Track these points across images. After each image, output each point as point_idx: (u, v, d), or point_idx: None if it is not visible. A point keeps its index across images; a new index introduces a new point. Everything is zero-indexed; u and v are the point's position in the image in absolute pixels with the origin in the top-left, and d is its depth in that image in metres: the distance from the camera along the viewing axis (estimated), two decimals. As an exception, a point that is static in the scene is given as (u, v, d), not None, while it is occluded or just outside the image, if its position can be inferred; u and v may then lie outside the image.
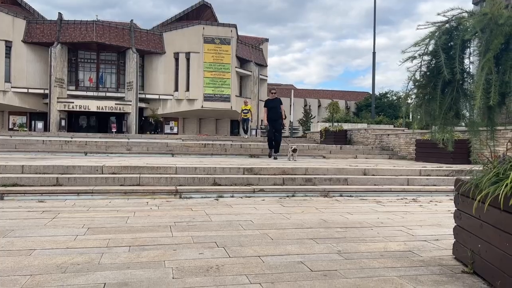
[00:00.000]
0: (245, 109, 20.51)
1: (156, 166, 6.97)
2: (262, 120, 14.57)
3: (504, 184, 2.38)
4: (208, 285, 2.56)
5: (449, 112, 2.84)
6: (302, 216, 4.93)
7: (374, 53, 22.95)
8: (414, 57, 2.87)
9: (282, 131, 11.78)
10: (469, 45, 2.82)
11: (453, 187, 6.71)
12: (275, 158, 11.20)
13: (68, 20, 36.61)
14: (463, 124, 3.06)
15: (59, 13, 36.40)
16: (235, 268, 2.92)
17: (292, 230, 4.20)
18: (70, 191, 5.80)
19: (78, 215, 4.69)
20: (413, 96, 2.97)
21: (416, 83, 2.94)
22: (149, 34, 38.52)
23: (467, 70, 2.83)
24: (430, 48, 2.85)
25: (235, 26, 38.84)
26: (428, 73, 2.89)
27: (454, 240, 3.31)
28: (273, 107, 11.59)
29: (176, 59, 38.15)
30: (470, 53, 2.80)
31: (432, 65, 2.85)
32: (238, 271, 2.86)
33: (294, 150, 10.88)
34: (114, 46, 36.96)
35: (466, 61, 2.79)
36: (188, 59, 37.91)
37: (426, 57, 2.86)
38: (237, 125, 42.23)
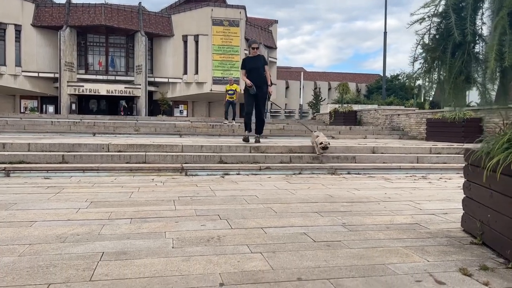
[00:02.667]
0: (231, 90, 17.07)
1: (162, 144, 6.93)
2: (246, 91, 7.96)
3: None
4: (208, 254, 2.51)
5: (460, 77, 2.70)
6: (308, 192, 4.85)
7: (385, 32, 22.51)
8: (423, 19, 2.73)
9: (267, 103, 8.36)
10: (481, 5, 2.67)
11: (463, 165, 6.56)
12: (256, 141, 7.99)
13: (76, 4, 36.50)
14: (474, 103, 2.93)
15: (67, -4, 36.26)
16: (237, 239, 2.87)
17: (296, 204, 4.12)
18: (75, 168, 5.79)
19: (82, 191, 4.67)
20: (422, 61, 2.83)
21: (425, 47, 2.80)
22: (157, 17, 38.26)
23: (479, 32, 2.69)
24: (440, 9, 2.70)
25: (244, 7, 38.35)
26: (437, 36, 2.75)
27: (463, 212, 3.21)
28: (254, 68, 7.98)
29: (185, 42, 37.92)
30: (482, 14, 2.65)
31: (442, 27, 2.71)
32: (240, 241, 2.81)
33: (324, 148, 6.91)
34: (123, 29, 36.82)
35: (478, 22, 2.64)
36: (196, 42, 37.66)
37: (435, 19, 2.72)
38: (247, 108, 42.11)
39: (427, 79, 2.86)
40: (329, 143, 6.97)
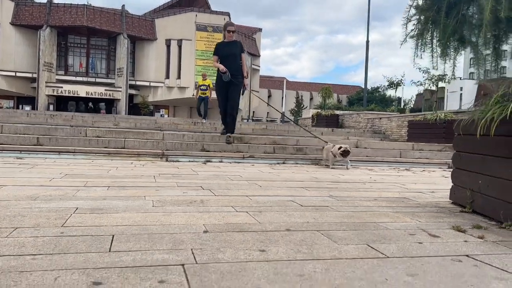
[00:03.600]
0: (203, 85, 15.38)
1: (142, 131, 6.73)
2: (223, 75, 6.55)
3: (512, 102, 2.21)
4: (190, 212, 2.36)
5: (453, 36, 2.64)
6: (292, 175, 4.75)
7: (368, 29, 22.79)
8: (417, -23, 2.68)
9: (241, 98, 6.98)
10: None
11: (446, 160, 6.57)
12: (228, 142, 6.82)
13: (58, 3, 35.87)
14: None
15: (48, -5, 35.64)
16: (221, 202, 2.73)
17: (281, 182, 4.01)
18: (51, 149, 5.54)
19: (57, 167, 4.45)
20: (415, 22, 2.77)
21: (419, 8, 2.74)
22: (140, 20, 37.93)
23: (473, -7, 2.64)
24: (434, -31, 2.66)
25: (228, 14, 38.41)
26: (431, -4, 2.70)
27: (452, 184, 3.15)
28: (229, 56, 6.83)
29: (168, 46, 37.64)
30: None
31: (436, -14, 2.66)
32: (224, 204, 2.67)
33: (345, 153, 5.81)
34: (105, 31, 36.32)
35: (473, -21, 2.59)
36: (180, 47, 37.43)
37: (430, -23, 2.66)
38: (228, 114, 41.97)
39: (420, 42, 2.80)
40: (348, 147, 5.88)
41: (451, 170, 3.15)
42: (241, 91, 6.96)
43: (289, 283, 1.31)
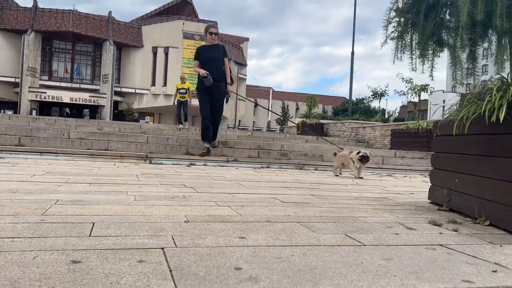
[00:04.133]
0: (182, 89, 14.53)
1: (126, 134, 6.70)
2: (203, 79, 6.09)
3: (486, 100, 2.29)
4: (172, 205, 2.37)
5: (432, 38, 2.74)
6: (275, 177, 4.79)
7: (353, 39, 23.15)
8: (397, -20, 2.77)
9: (225, 105, 6.54)
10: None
11: (428, 167, 6.71)
12: (206, 152, 6.46)
13: (43, 8, 35.60)
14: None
15: (34, 0, 35.35)
16: (203, 198, 2.75)
17: (265, 182, 4.04)
18: (33, 150, 5.48)
19: (39, 166, 4.40)
20: (395, 25, 2.86)
21: (399, 10, 2.83)
22: (127, 27, 37.86)
23: (450, -2, 2.74)
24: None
25: (215, 23, 38.59)
26: (411, 0, 2.80)
27: (430, 184, 3.22)
28: (211, 60, 6.31)
29: (154, 54, 37.62)
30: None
31: (415, -10, 2.75)
32: (206, 199, 2.69)
33: (364, 159, 5.28)
34: (91, 37, 36.15)
35: (450, -15, 2.69)
36: (166, 54, 37.44)
37: (409, -20, 2.76)
38: (214, 123, 41.97)
39: (399, 44, 2.88)
40: (368, 152, 5.41)
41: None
42: (226, 99, 6.48)
43: (266, 264, 1.34)
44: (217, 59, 6.36)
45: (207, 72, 6.11)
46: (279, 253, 1.48)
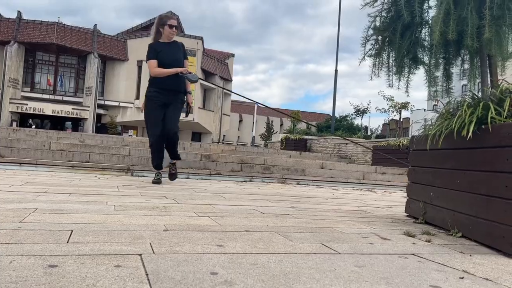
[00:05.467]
0: None
1: (108, 146, 6.67)
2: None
3: (457, 116, 2.39)
4: (152, 215, 2.39)
5: (408, 56, 2.85)
6: (257, 190, 4.82)
7: (337, 58, 23.55)
8: (375, 1, 2.88)
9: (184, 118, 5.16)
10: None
11: (407, 183, 6.80)
12: (172, 177, 5.17)
13: (27, 20, 35.34)
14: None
15: (18, 11, 35.12)
16: (183, 209, 2.76)
17: (246, 195, 4.07)
18: (12, 161, 5.40)
19: (17, 177, 4.35)
20: (373, 42, 2.97)
21: (376, 29, 2.94)
22: (112, 40, 37.81)
23: (426, 19, 2.87)
24: (391, -7, 2.88)
25: (201, 38, 38.90)
26: (388, 19, 2.91)
27: (407, 198, 3.30)
28: (175, 63, 4.75)
29: (139, 67, 37.54)
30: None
31: (392, 10, 2.87)
32: (186, 210, 2.71)
33: None
34: (75, 50, 35.94)
35: (425, 5, 2.82)
36: (151, 68, 37.38)
37: (386, 1, 2.87)
38: (198, 137, 41.89)
39: (377, 61, 2.98)
40: None
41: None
42: (186, 112, 5.01)
43: (243, 269, 1.37)
44: (179, 62, 4.75)
45: (187, 70, 4.72)
46: (255, 260, 1.51)
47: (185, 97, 4.96)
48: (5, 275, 1.14)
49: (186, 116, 5.13)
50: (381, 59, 2.96)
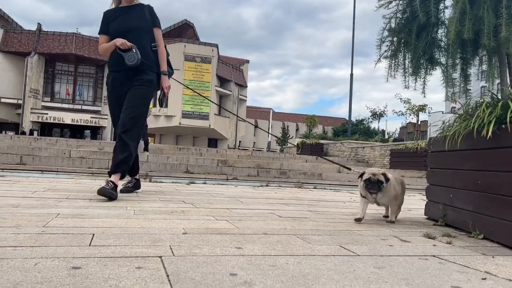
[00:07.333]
0: None
1: (127, 153, 6.76)
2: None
3: (476, 116, 2.36)
4: (171, 219, 2.41)
5: (424, 57, 2.83)
6: (274, 195, 4.82)
7: (352, 61, 23.45)
8: (390, 2, 2.87)
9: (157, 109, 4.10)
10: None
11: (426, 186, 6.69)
12: (110, 195, 3.15)
13: (47, 31, 36.17)
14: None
15: (38, 23, 36.01)
16: (201, 213, 2.78)
17: (263, 199, 4.08)
18: (34, 168, 5.53)
19: (40, 184, 4.45)
20: (388, 44, 2.95)
21: (391, 30, 2.93)
22: (129, 49, 38.35)
23: (442, 19, 2.84)
24: (406, -6, 2.86)
25: (216, 45, 39.19)
26: (403, 20, 2.90)
27: (427, 200, 3.26)
28: (130, 31, 3.55)
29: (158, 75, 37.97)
30: None
31: (408, 11, 2.86)
32: (205, 214, 2.73)
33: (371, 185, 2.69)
34: (93, 59, 36.59)
35: (441, 5, 2.80)
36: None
37: (402, 2, 2.86)
38: (214, 143, 42.10)
39: (393, 62, 2.96)
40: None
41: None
42: (158, 98, 3.88)
43: (261, 270, 1.38)
44: (137, 29, 3.58)
45: (131, 44, 3.46)
46: (274, 262, 1.51)
47: (156, 78, 3.68)
48: (30, 276, 1.18)
49: (160, 106, 3.68)
50: (396, 60, 2.94)
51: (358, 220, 2.75)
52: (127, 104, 3.52)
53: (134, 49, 3.46)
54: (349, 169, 3.15)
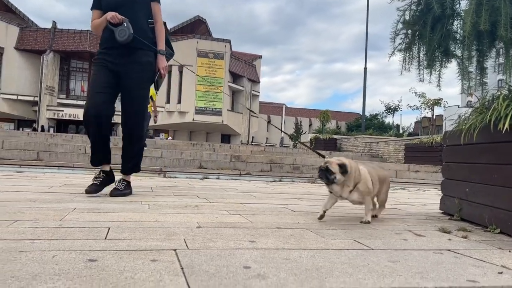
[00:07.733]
0: None
1: (141, 149, 6.82)
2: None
3: (492, 109, 2.32)
4: (185, 213, 2.43)
5: (438, 49, 2.79)
6: (287, 190, 4.82)
7: (366, 55, 23.21)
8: (404, -6, 2.83)
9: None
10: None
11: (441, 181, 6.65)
12: (114, 193, 3.13)
13: (62, 29, 36.62)
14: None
15: (53, 21, 36.48)
16: (215, 207, 2.80)
17: (276, 194, 4.08)
18: (50, 164, 5.62)
19: (56, 179, 4.52)
20: (402, 36, 2.92)
21: (406, 22, 2.89)
22: (143, 46, 38.60)
23: (457, 10, 2.80)
24: (420, -14, 2.82)
25: (229, 41, 39.18)
26: (418, 12, 2.86)
27: (442, 195, 3.23)
28: (124, 4, 3.19)
29: (169, 72, 38.20)
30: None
31: (422, 3, 2.82)
32: (218, 208, 2.74)
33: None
34: (107, 56, 36.93)
35: (456, -2, 2.75)
36: (181, 72, 37.98)
37: (415, -6, 2.82)
38: (227, 138, 42.22)
39: (407, 55, 2.93)
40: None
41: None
42: (154, 80, 3.43)
43: (275, 264, 1.39)
44: (132, 3, 3.24)
45: (123, 18, 3.11)
46: (287, 255, 1.52)
47: (152, 57, 3.32)
48: (48, 268, 1.20)
49: (156, 88, 3.50)
50: (411, 53, 2.91)
51: (319, 217, 2.37)
52: (127, 94, 3.31)
53: (125, 23, 3.09)
54: (324, 156, 2.65)
